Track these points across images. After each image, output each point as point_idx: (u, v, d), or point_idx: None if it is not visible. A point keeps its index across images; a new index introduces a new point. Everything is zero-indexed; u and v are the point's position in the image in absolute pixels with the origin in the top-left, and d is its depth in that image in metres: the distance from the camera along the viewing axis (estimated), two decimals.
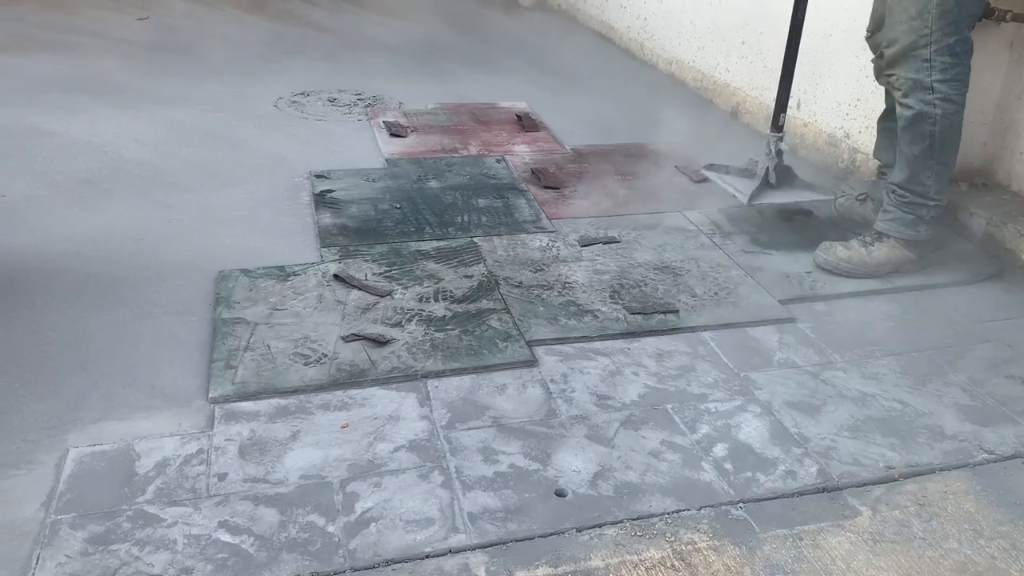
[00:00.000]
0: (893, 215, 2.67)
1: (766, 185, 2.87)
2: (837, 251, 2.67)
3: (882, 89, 3.26)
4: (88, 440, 1.84)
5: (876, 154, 2.98)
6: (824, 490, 1.81)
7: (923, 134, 2.53)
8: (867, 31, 2.86)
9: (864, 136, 3.38)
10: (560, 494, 1.76)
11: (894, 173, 2.66)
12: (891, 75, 2.53)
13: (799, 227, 3.00)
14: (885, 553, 1.65)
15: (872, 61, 2.87)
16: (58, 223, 2.78)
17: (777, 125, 2.83)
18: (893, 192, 2.66)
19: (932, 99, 2.48)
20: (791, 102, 3.76)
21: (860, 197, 2.99)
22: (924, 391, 2.15)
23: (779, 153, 2.85)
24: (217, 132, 3.61)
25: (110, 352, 2.15)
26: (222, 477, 1.76)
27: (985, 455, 1.93)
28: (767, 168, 2.86)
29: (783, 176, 2.90)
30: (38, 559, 1.54)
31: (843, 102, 3.47)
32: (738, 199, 2.85)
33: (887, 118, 2.87)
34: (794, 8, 2.74)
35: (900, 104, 2.53)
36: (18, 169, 3.14)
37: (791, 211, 3.09)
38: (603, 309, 2.43)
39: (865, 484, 1.83)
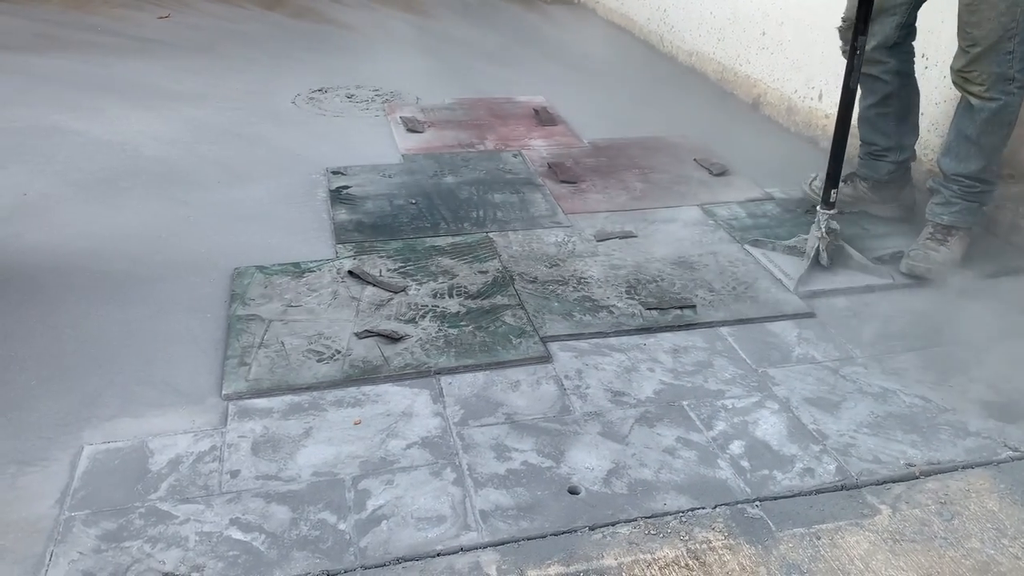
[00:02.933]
0: (960, 206, 2.61)
1: (816, 267, 2.58)
2: (935, 257, 2.57)
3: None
4: (102, 437, 1.85)
5: (868, 136, 2.90)
6: (843, 488, 1.78)
7: (1004, 123, 2.50)
8: (842, 20, 2.78)
9: None
10: (573, 492, 1.74)
11: (958, 164, 2.58)
12: (969, 72, 2.46)
13: None
14: (905, 553, 1.61)
15: (842, 51, 2.77)
16: (77, 221, 2.79)
17: (828, 202, 2.54)
18: (958, 184, 2.60)
19: (1012, 88, 2.45)
20: (812, 93, 3.72)
21: (844, 179, 2.92)
22: (947, 387, 2.11)
23: (831, 232, 2.56)
24: (235, 129, 3.62)
25: (126, 349, 2.15)
26: (234, 474, 1.76)
27: (1010, 452, 1.89)
28: (817, 248, 2.58)
29: (836, 256, 2.60)
30: (51, 556, 1.55)
31: None
32: (784, 284, 2.53)
33: (883, 104, 2.81)
34: (845, 82, 2.45)
35: (980, 99, 2.47)
36: (38, 168, 3.16)
37: (810, 204, 3.04)
38: (619, 305, 2.40)
39: (885, 482, 1.79)
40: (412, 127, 3.69)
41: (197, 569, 1.53)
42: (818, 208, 2.57)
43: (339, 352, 2.15)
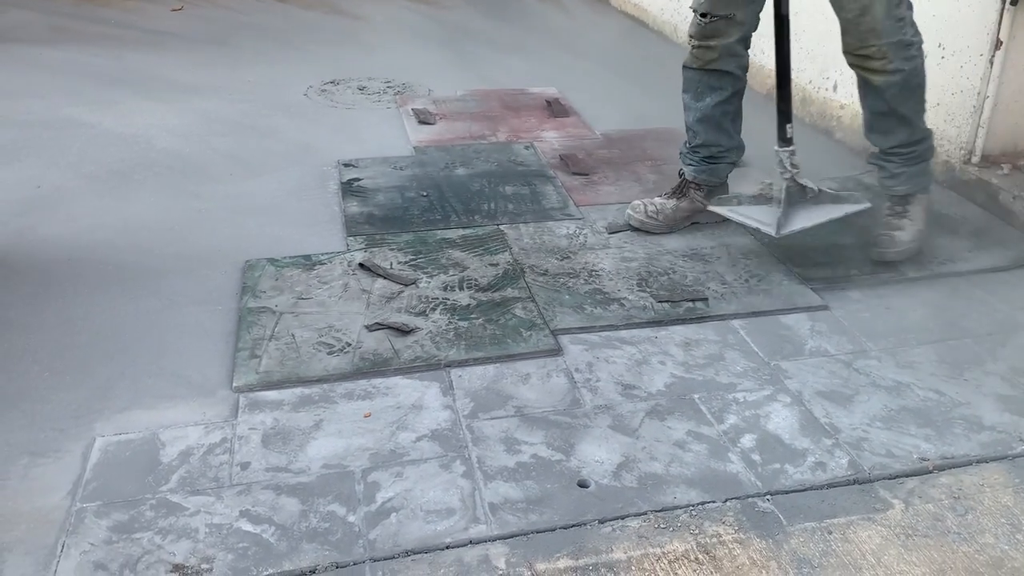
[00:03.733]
0: (907, 174, 2.55)
1: (790, 209, 2.49)
2: (901, 238, 2.52)
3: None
4: (114, 429, 1.86)
5: (710, 138, 2.73)
6: (855, 482, 1.76)
7: (914, 87, 2.43)
8: (702, 17, 2.54)
9: None
10: (583, 485, 1.74)
11: (887, 138, 2.51)
12: (869, 48, 2.34)
13: None
14: (917, 547, 1.60)
15: (694, 48, 2.59)
16: (90, 213, 2.81)
17: (785, 139, 2.46)
18: (896, 155, 2.53)
19: (913, 52, 2.38)
20: (827, 84, 3.68)
21: (675, 195, 2.79)
22: (961, 380, 2.09)
23: (794, 167, 2.48)
24: (247, 121, 3.63)
25: (137, 341, 2.16)
26: (245, 466, 1.76)
27: None
28: (786, 188, 2.48)
29: (805, 193, 2.52)
30: (63, 547, 1.56)
31: None
32: (763, 232, 2.47)
33: (729, 101, 2.68)
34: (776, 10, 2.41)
35: (884, 73, 2.37)
36: (52, 160, 3.18)
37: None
38: (630, 297, 2.39)
39: (898, 476, 1.78)
40: (424, 119, 3.69)
41: (207, 561, 1.54)
42: (776, 148, 2.47)
43: (349, 345, 2.15)
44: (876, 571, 1.55)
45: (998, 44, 2.82)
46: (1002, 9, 2.78)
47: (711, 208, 2.64)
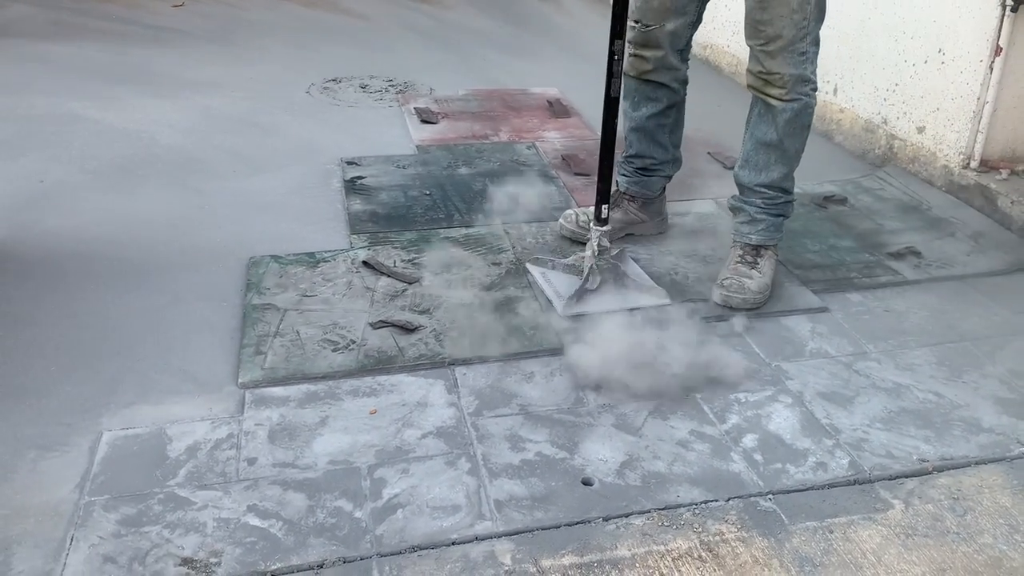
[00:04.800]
0: (765, 223, 2.46)
1: (586, 290, 2.34)
2: (749, 286, 2.38)
3: (920, 73, 3.19)
4: (121, 424, 1.87)
5: (644, 150, 2.67)
6: (855, 482, 1.78)
7: (804, 126, 2.40)
8: (637, 24, 2.46)
9: (902, 122, 3.31)
10: (587, 483, 1.76)
11: (758, 175, 2.43)
12: (770, 74, 2.32)
13: (834, 215, 2.95)
14: (917, 547, 1.62)
15: (630, 56, 2.50)
16: (93, 209, 2.82)
17: (600, 218, 2.30)
18: (760, 197, 2.46)
19: (808, 90, 2.36)
20: (827, 87, 3.71)
21: (612, 203, 2.64)
22: (961, 383, 2.11)
23: (602, 250, 2.34)
24: (250, 119, 3.64)
25: (143, 337, 2.17)
26: (252, 461, 1.78)
27: (1023, 449, 1.89)
28: (590, 269, 2.35)
29: (614, 276, 2.39)
30: (72, 540, 1.57)
31: (881, 87, 3.41)
32: (554, 305, 2.34)
33: (664, 114, 2.60)
34: (607, 90, 2.20)
35: (780, 101, 2.34)
36: (55, 155, 3.18)
37: (825, 198, 3.04)
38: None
39: (898, 477, 1.80)
40: (426, 118, 3.70)
41: (216, 554, 1.55)
42: (591, 225, 2.33)
43: (354, 342, 2.16)
44: (877, 570, 1.57)
45: (998, 50, 2.85)
46: (1002, 15, 2.81)
47: (527, 265, 2.53)
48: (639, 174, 2.71)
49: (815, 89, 2.39)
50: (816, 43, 2.34)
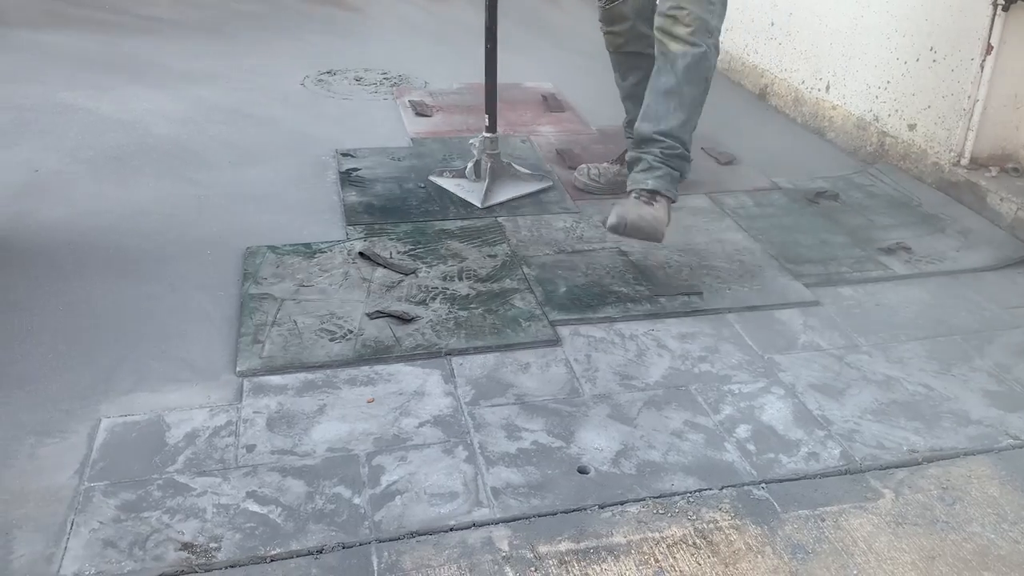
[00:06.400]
0: (662, 171, 2.48)
1: (492, 183, 2.93)
2: (642, 212, 2.41)
3: (912, 70, 3.23)
4: (119, 411, 1.88)
5: (637, 113, 2.72)
6: (847, 472, 1.81)
7: (703, 76, 2.47)
8: (599, 2, 2.72)
9: (893, 119, 3.34)
10: (583, 471, 1.78)
11: (657, 124, 2.47)
12: (678, 10, 2.39)
13: (826, 211, 2.98)
14: (907, 535, 1.65)
15: (604, 34, 2.77)
16: (89, 198, 2.81)
17: (488, 127, 2.90)
18: (657, 145, 2.49)
19: (711, 43, 2.44)
20: (820, 84, 3.74)
21: (616, 161, 2.99)
22: (950, 376, 2.14)
23: (495, 149, 2.93)
24: (245, 110, 3.64)
25: (140, 325, 2.18)
26: (250, 448, 1.79)
27: (1010, 440, 1.92)
28: (490, 167, 2.94)
29: (504, 172, 2.99)
30: (72, 524, 1.58)
31: (873, 85, 3.44)
32: (472, 203, 2.88)
33: (642, 83, 2.69)
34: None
35: (684, 42, 2.41)
36: (50, 145, 3.18)
37: (817, 194, 3.07)
38: (626, 290, 2.43)
39: (888, 467, 1.83)
40: (421, 111, 3.71)
41: (215, 540, 1.57)
42: (483, 135, 2.88)
43: (351, 332, 2.18)
44: (867, 557, 1.60)
45: (989, 49, 2.88)
46: (993, 14, 2.84)
47: (431, 178, 3.01)
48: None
49: (717, 48, 2.49)
50: (723, 3, 2.48)
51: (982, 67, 2.91)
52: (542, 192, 3.00)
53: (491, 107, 2.88)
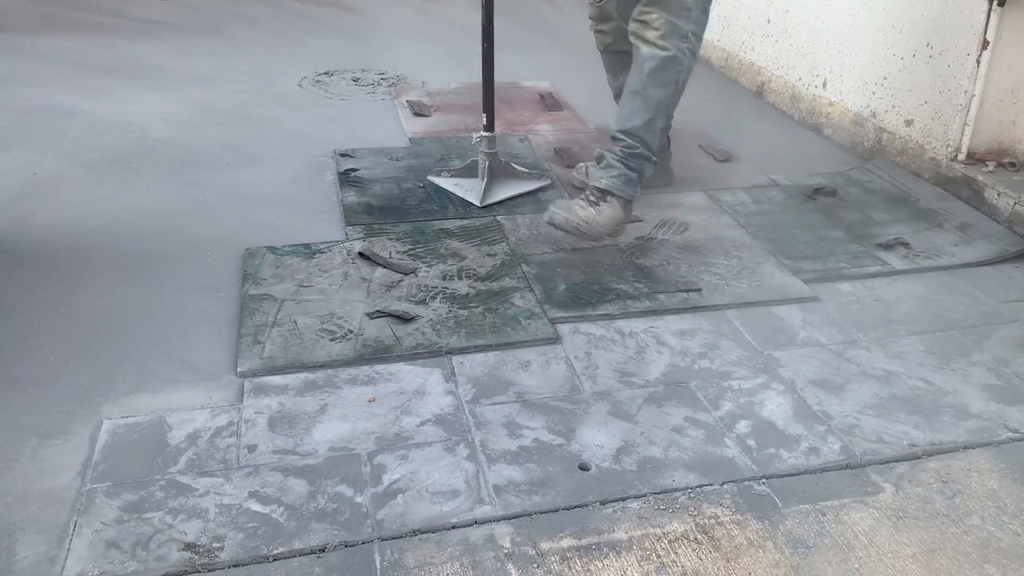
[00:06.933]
0: (618, 171, 2.56)
1: (492, 183, 2.94)
2: (577, 211, 2.51)
3: (908, 66, 3.23)
4: (121, 412, 1.88)
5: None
6: (847, 467, 1.82)
7: (671, 80, 2.50)
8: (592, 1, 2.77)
9: (890, 115, 3.35)
10: (584, 468, 1.78)
11: (621, 122, 2.54)
12: (647, 16, 2.46)
13: (824, 207, 2.99)
14: (908, 529, 1.66)
15: (594, 32, 2.82)
16: (88, 201, 2.82)
17: (485, 126, 2.89)
18: (619, 144, 2.56)
19: (684, 47, 2.47)
20: (816, 81, 3.75)
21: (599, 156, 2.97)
22: (949, 370, 2.15)
23: (493, 149, 2.92)
24: (243, 111, 3.64)
25: (141, 327, 2.18)
26: (252, 449, 1.79)
27: (1010, 434, 1.93)
28: (489, 166, 2.94)
29: (503, 171, 3.00)
30: (75, 526, 1.59)
31: (870, 81, 3.44)
32: (472, 202, 2.89)
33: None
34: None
35: (653, 45, 2.47)
36: (48, 148, 3.18)
37: (814, 190, 3.08)
38: (626, 288, 2.44)
39: (888, 461, 1.83)
40: (418, 111, 3.71)
41: (218, 540, 1.57)
42: (481, 134, 2.88)
43: (351, 332, 2.18)
44: (868, 551, 1.60)
45: (985, 44, 2.89)
46: (989, 10, 2.85)
47: (429, 178, 3.01)
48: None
49: (692, 52, 2.51)
50: (702, 8, 2.51)
51: (978, 62, 2.92)
52: (541, 191, 3.01)
53: (489, 106, 2.89)
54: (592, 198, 2.55)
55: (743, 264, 2.59)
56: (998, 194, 2.89)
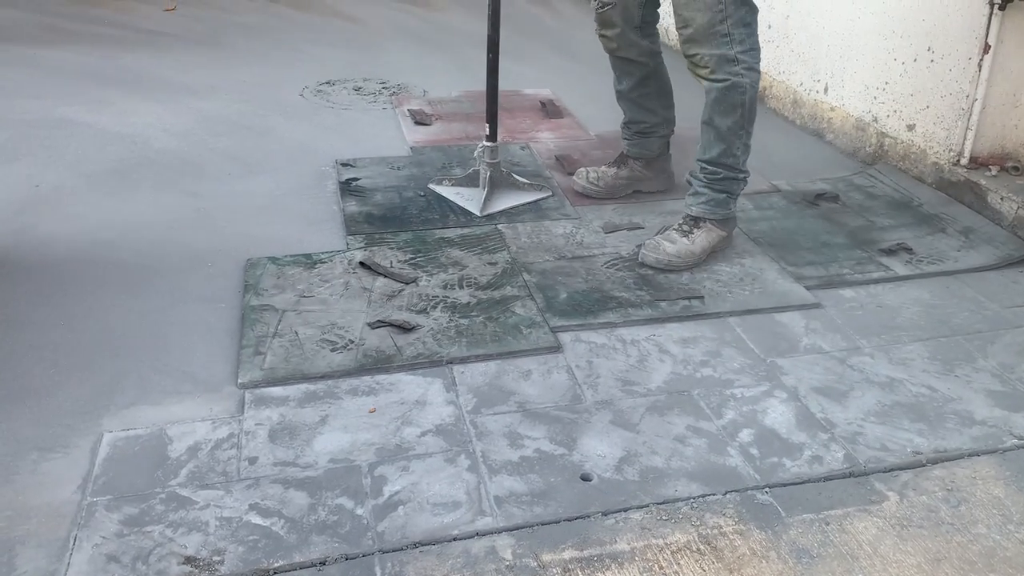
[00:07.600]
0: (706, 197, 2.61)
1: (492, 192, 2.94)
2: (665, 248, 2.55)
3: (910, 71, 3.23)
4: (121, 424, 1.88)
5: (635, 116, 2.95)
6: (851, 475, 1.80)
7: (735, 104, 2.50)
8: (596, 5, 2.77)
9: (892, 120, 3.34)
10: (585, 478, 1.77)
11: (702, 152, 2.60)
12: (693, 55, 2.48)
13: (826, 212, 2.98)
14: (912, 538, 1.64)
15: (599, 36, 2.83)
16: (90, 212, 2.82)
17: (489, 136, 2.90)
18: (703, 172, 2.61)
19: (739, 70, 2.47)
20: (818, 86, 3.74)
21: (616, 164, 3.03)
22: (953, 376, 2.13)
23: (494, 158, 2.93)
24: (244, 121, 3.64)
25: (142, 338, 2.18)
26: (253, 461, 1.79)
27: (1015, 441, 1.91)
28: (490, 176, 2.93)
29: (504, 181, 2.99)
30: (75, 540, 1.58)
31: (871, 86, 3.44)
32: (472, 212, 2.89)
33: (643, 84, 2.87)
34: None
35: (708, 80, 2.49)
36: (50, 160, 3.18)
37: (817, 196, 3.07)
38: (627, 296, 2.43)
39: (892, 469, 1.82)
40: (420, 120, 3.72)
41: (218, 553, 1.56)
42: (483, 144, 2.89)
43: (352, 342, 2.18)
44: (873, 561, 1.59)
45: (986, 48, 2.88)
46: (990, 14, 2.84)
47: (430, 187, 3.02)
48: (637, 137, 2.98)
49: (750, 68, 2.50)
50: (743, 24, 2.46)
51: (980, 66, 2.91)
52: (541, 201, 3.00)
53: (492, 116, 2.89)
54: (685, 227, 2.60)
55: (745, 271, 2.58)
56: (1001, 198, 2.88)
